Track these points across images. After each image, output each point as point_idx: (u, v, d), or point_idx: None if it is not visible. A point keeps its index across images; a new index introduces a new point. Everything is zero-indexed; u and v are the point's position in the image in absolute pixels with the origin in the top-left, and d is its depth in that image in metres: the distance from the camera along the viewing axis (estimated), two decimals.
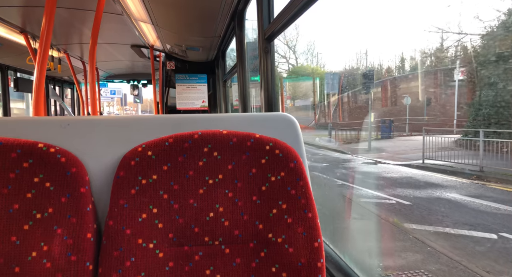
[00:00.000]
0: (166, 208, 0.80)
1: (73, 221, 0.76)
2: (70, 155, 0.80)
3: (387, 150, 6.62)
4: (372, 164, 6.75)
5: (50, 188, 0.77)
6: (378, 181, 6.18)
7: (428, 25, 4.02)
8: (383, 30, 4.62)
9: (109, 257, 0.76)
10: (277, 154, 0.84)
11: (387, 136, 6.38)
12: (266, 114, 0.94)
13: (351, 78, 6.53)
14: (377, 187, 5.93)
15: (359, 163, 7.01)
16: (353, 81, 6.86)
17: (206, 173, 0.83)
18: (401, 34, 4.48)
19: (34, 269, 0.73)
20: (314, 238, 0.81)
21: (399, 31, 4.53)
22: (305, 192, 0.83)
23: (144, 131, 0.87)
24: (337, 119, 7.34)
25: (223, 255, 0.82)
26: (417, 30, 4.41)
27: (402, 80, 6.37)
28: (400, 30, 4.43)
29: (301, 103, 10.08)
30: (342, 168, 6.84)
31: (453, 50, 4.53)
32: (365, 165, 6.86)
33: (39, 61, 1.65)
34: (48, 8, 1.62)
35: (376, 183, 6.18)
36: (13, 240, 0.74)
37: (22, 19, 2.86)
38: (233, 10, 2.47)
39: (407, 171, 6.40)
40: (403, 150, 6.50)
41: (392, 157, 6.60)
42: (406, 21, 4.32)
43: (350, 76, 6.46)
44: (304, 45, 8.47)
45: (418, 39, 4.47)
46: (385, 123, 6.74)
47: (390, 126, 6.47)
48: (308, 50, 7.61)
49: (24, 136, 0.81)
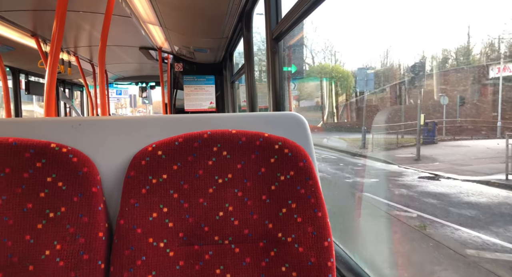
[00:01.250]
0: (176, 207, 0.81)
1: (85, 220, 0.77)
2: (82, 155, 0.81)
3: (440, 159, 5.33)
4: (433, 179, 4.87)
5: (63, 188, 0.78)
6: (467, 211, 3.62)
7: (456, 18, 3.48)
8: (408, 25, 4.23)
9: (121, 256, 0.77)
10: (286, 153, 0.84)
11: (430, 141, 5.33)
12: (274, 114, 0.94)
13: (381, 76, 5.95)
14: (473, 222, 3.55)
15: (416, 179, 5.06)
16: (385, 79, 6.14)
17: (215, 172, 0.84)
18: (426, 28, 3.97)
19: (47, 268, 0.75)
20: (324, 237, 0.81)
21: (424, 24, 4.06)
22: (315, 191, 0.83)
23: (154, 131, 0.88)
24: (368, 121, 6.62)
25: (233, 254, 0.82)
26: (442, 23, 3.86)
27: (429, 78, 5.60)
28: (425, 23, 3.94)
29: (307, 103, 9.00)
30: (398, 186, 4.53)
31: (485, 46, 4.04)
32: (425, 182, 4.80)
33: (50, 64, 1.68)
34: (59, 12, 1.64)
35: (466, 214, 3.61)
36: (27, 239, 0.75)
37: (33, 23, 2.90)
38: (241, 10, 2.48)
39: (493, 192, 3.97)
40: (460, 159, 5.14)
41: (452, 169, 5.02)
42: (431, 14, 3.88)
43: (381, 73, 5.82)
44: (320, 44, 7.70)
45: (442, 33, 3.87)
46: (428, 125, 5.43)
47: (434, 129, 5.26)
48: (325, 48, 6.95)
49: (37, 136, 0.82)
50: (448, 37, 4.84)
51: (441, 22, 4.48)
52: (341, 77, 7.40)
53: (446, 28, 4.58)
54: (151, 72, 6.04)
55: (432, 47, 5.23)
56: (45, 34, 3.20)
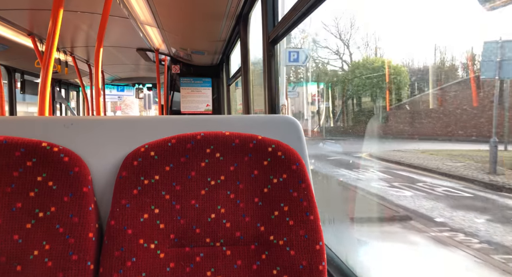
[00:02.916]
0: (167, 209, 0.81)
1: (75, 220, 0.76)
2: (73, 154, 0.80)
3: None
4: None
5: (53, 187, 0.77)
6: None
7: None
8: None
9: (110, 257, 0.76)
10: (279, 156, 0.84)
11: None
12: (269, 116, 0.94)
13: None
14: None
15: None
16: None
17: (208, 174, 0.83)
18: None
19: (35, 268, 0.74)
20: (316, 240, 0.81)
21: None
22: (307, 194, 0.83)
23: (147, 131, 0.88)
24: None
25: (224, 256, 0.82)
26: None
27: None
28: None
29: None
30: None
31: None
32: None
33: (44, 62, 1.67)
34: (55, 11, 1.64)
35: None
36: (15, 239, 0.75)
37: (29, 22, 2.89)
38: (238, 13, 2.49)
39: None
40: None
41: None
42: None
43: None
44: (359, 38, 6.91)
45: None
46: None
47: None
48: (366, 44, 6.25)
49: (28, 135, 0.81)
50: None
51: None
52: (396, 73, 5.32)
53: None
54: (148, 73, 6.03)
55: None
56: (41, 34, 3.19)
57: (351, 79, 6.91)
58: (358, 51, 7.19)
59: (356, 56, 7.25)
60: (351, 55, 7.40)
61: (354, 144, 5.95)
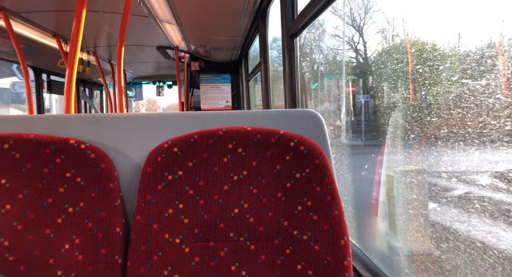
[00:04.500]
0: (191, 204, 0.81)
1: (103, 215, 0.78)
2: (100, 151, 0.82)
3: None
4: None
5: (81, 183, 0.79)
6: None
7: None
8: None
9: (137, 251, 0.78)
10: (301, 151, 0.83)
11: None
12: (290, 111, 0.93)
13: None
14: None
15: None
16: None
17: (230, 169, 0.83)
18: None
19: (67, 261, 0.76)
20: (340, 235, 0.79)
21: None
22: (331, 189, 0.82)
23: (170, 128, 0.89)
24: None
25: (248, 251, 0.82)
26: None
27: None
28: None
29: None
30: None
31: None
32: None
33: (69, 62, 1.71)
34: (78, 12, 1.68)
35: None
36: (47, 233, 0.77)
37: (54, 23, 2.98)
38: (257, 8, 2.47)
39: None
40: None
41: None
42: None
43: None
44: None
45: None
46: None
47: None
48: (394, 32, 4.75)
49: (57, 132, 0.84)
50: None
51: None
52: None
53: None
54: (168, 71, 6.09)
55: None
56: (65, 34, 3.27)
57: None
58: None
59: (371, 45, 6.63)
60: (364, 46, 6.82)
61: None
